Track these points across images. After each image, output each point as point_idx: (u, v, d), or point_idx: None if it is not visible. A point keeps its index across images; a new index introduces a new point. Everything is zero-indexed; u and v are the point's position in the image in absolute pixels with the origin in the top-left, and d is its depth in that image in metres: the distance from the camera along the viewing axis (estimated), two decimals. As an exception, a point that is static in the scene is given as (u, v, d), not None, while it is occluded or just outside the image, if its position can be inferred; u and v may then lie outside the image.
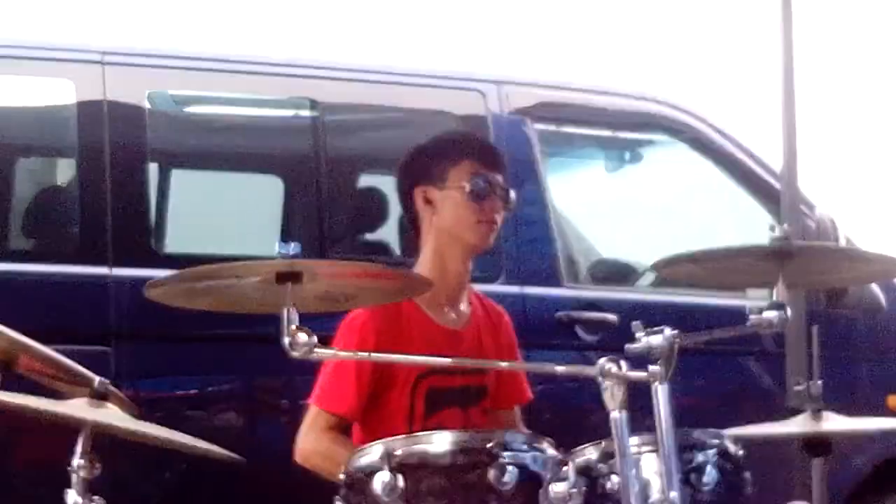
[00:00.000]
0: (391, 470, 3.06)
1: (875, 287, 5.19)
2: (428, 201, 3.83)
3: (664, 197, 5.84)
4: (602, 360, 3.02)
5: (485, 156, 3.89)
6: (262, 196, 5.21)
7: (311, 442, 3.70)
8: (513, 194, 3.89)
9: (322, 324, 3.22)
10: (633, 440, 3.09)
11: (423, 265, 3.83)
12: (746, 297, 4.87)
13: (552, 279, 4.95)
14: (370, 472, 3.10)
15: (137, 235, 4.58)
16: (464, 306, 3.90)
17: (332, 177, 4.89)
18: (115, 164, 4.55)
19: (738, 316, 3.35)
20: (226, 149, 5.12)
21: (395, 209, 4.80)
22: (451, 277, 3.83)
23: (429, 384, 3.74)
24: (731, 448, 3.30)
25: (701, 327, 3.34)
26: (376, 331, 3.69)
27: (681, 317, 4.73)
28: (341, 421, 3.72)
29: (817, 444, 3.70)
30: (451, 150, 3.88)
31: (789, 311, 3.28)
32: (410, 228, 3.93)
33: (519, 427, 3.94)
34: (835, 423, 3.69)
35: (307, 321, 3.06)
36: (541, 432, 3.24)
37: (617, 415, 3.00)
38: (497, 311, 4.03)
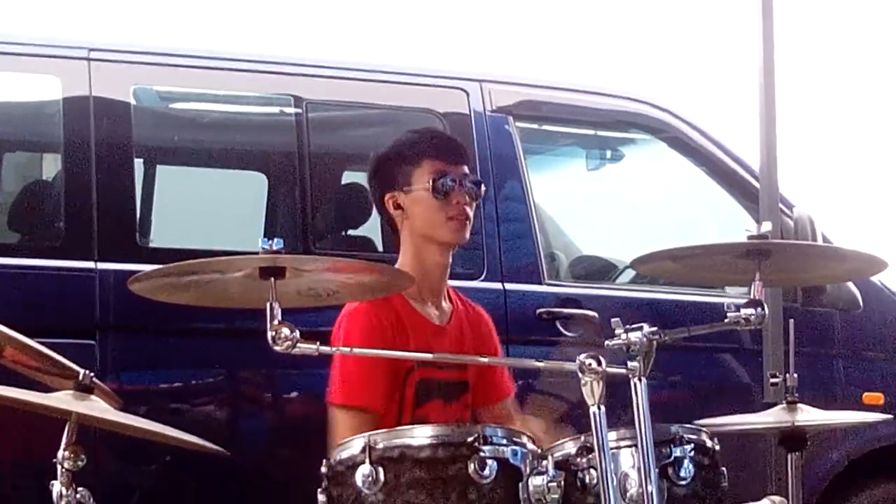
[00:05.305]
0: (372, 463, 3.09)
1: (852, 285, 5.23)
2: (398, 207, 3.88)
3: (644, 195, 5.87)
4: (582, 356, 3.05)
5: (444, 152, 3.91)
6: (247, 192, 5.22)
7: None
8: (482, 185, 3.93)
9: (305, 318, 3.24)
10: (612, 435, 3.13)
11: (404, 265, 3.85)
12: (725, 294, 4.94)
13: (533, 276, 4.96)
14: (351, 464, 3.13)
15: (123, 230, 4.56)
16: (445, 303, 3.94)
17: (316, 173, 4.88)
18: (100, 160, 4.53)
19: (716, 312, 3.39)
20: (211, 145, 5.11)
21: (378, 205, 4.83)
22: (431, 274, 3.87)
23: (419, 375, 3.78)
24: (708, 443, 3.34)
25: (680, 324, 3.36)
26: (380, 320, 3.72)
27: (660, 313, 4.79)
28: (373, 418, 3.65)
29: (793, 439, 3.73)
30: (410, 152, 3.91)
31: (766, 309, 3.32)
32: (390, 231, 3.99)
33: (514, 418, 3.95)
34: (809, 415, 3.73)
35: (290, 316, 3.10)
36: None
37: (596, 410, 3.03)
38: (476, 311, 4.06)
